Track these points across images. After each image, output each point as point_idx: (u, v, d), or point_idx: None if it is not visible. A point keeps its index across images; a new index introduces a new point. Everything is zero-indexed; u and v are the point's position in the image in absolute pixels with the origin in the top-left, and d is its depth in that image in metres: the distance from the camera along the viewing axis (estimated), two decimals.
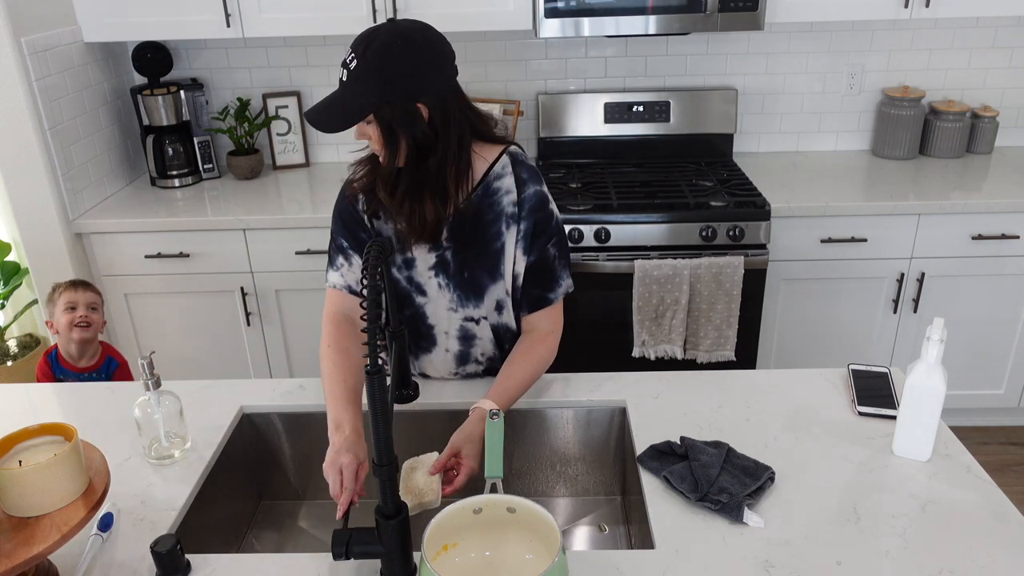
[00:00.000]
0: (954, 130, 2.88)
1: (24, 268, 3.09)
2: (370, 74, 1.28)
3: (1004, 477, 2.69)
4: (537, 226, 1.45)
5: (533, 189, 1.45)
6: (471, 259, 1.47)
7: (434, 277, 1.49)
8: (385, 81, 1.29)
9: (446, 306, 1.51)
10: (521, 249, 1.46)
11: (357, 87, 1.29)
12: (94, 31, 2.63)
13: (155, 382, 1.31)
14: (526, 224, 1.45)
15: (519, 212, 1.45)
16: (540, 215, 1.46)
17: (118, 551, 1.16)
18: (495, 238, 1.45)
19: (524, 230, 1.45)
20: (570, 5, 2.50)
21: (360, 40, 1.30)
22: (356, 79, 1.29)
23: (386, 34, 1.29)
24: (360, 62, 1.28)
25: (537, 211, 1.45)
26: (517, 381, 1.45)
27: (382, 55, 1.28)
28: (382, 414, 0.98)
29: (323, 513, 1.56)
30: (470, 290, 1.49)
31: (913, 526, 1.16)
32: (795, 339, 2.74)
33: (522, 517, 1.10)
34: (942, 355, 1.22)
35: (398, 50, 1.29)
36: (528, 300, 1.50)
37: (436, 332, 1.54)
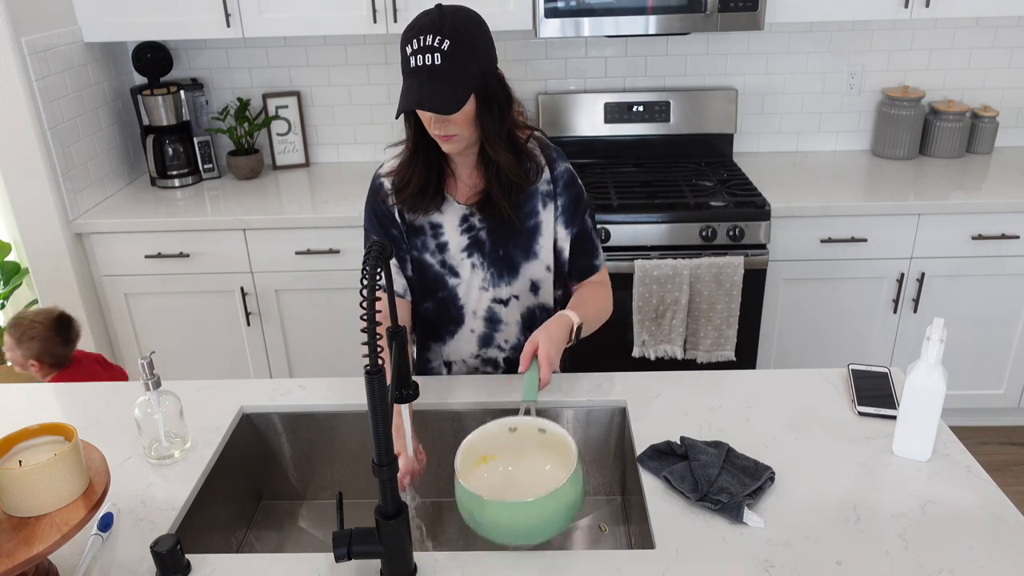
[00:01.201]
0: (954, 130, 2.88)
1: (24, 268, 3.09)
2: (467, 48, 1.31)
3: (1004, 477, 2.69)
4: (576, 200, 1.55)
5: (564, 166, 1.54)
6: (505, 237, 1.53)
7: (467, 258, 1.54)
8: (480, 53, 1.34)
9: (479, 285, 1.57)
10: (563, 223, 1.55)
11: (457, 66, 1.31)
12: (94, 31, 2.63)
13: (155, 382, 1.31)
14: (563, 199, 1.53)
15: (554, 188, 1.53)
16: (575, 189, 1.55)
17: (118, 551, 1.16)
18: (529, 216, 1.52)
19: (563, 205, 1.54)
20: (570, 5, 2.50)
21: (435, 24, 1.30)
22: (455, 57, 1.30)
23: (458, 13, 1.33)
24: (453, 40, 1.30)
25: (571, 186, 1.54)
26: (589, 310, 1.53)
27: (469, 29, 1.32)
28: (382, 414, 0.98)
29: (323, 513, 1.56)
30: (504, 268, 1.55)
31: (913, 526, 1.16)
32: (795, 339, 2.74)
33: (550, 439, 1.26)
34: (942, 355, 1.22)
35: (477, 23, 1.35)
36: (576, 271, 1.60)
37: (465, 312, 1.59)
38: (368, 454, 1.53)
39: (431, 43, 1.30)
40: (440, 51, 1.30)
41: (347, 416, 1.52)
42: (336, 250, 2.59)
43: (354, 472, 1.56)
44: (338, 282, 2.64)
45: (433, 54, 1.30)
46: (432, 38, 1.29)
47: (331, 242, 2.58)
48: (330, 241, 2.58)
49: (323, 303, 2.69)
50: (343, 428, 1.53)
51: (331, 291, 2.67)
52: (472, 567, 1.12)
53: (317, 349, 2.77)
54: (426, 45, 1.30)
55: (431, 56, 1.30)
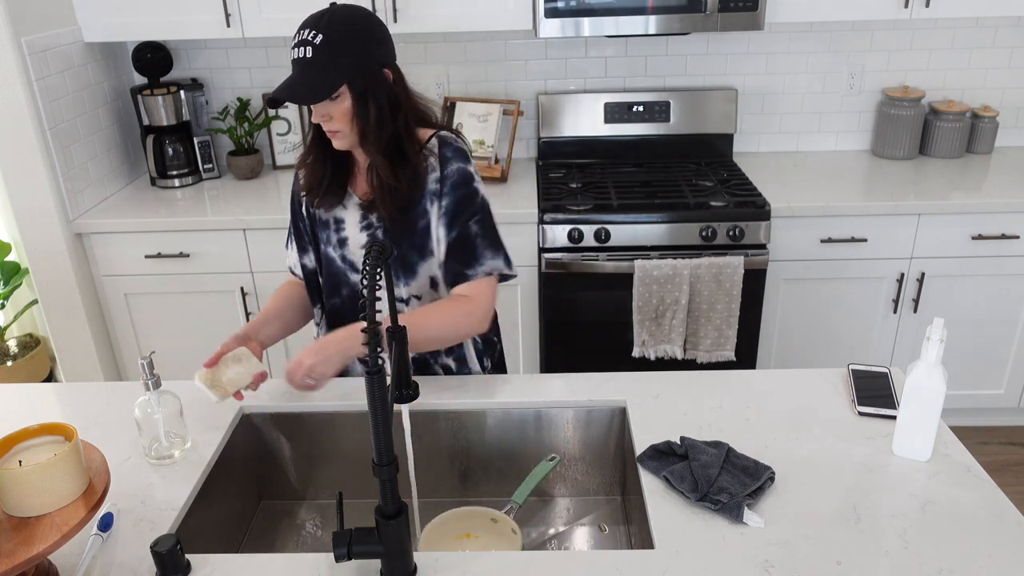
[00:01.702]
0: (954, 130, 2.88)
1: (24, 268, 3.09)
2: (339, 44, 1.35)
3: (1004, 477, 2.69)
4: (459, 203, 1.49)
5: (456, 166, 1.49)
6: (399, 236, 1.52)
7: (450, 276, 1.53)
8: (354, 48, 1.37)
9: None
10: (444, 224, 1.50)
11: (328, 58, 1.35)
12: (94, 31, 2.63)
13: (155, 382, 1.31)
14: (448, 200, 1.49)
15: (441, 188, 1.49)
16: (462, 191, 1.49)
17: (118, 551, 1.16)
18: (421, 216, 1.50)
19: (446, 206, 1.49)
20: (570, 5, 2.50)
21: (315, 19, 1.36)
22: (325, 50, 1.35)
23: (341, 10, 1.37)
24: (326, 35, 1.34)
25: (459, 187, 1.49)
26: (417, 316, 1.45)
27: (348, 25, 1.36)
28: (382, 414, 0.98)
29: (323, 513, 1.56)
30: (400, 268, 1.53)
31: (913, 526, 1.16)
32: (795, 339, 2.74)
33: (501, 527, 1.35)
34: (942, 355, 1.22)
35: (360, 21, 1.38)
36: (447, 274, 1.53)
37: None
38: (368, 454, 1.53)
39: (306, 37, 1.35)
40: (312, 44, 1.35)
41: (347, 416, 1.52)
42: None
43: (354, 472, 1.56)
44: None
45: (306, 47, 1.35)
46: (308, 32, 1.35)
47: None
48: None
49: None
50: (343, 428, 1.53)
51: None
52: (472, 567, 1.12)
53: None
54: (302, 39, 1.36)
55: (304, 49, 1.35)
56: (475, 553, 1.14)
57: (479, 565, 1.12)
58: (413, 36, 2.93)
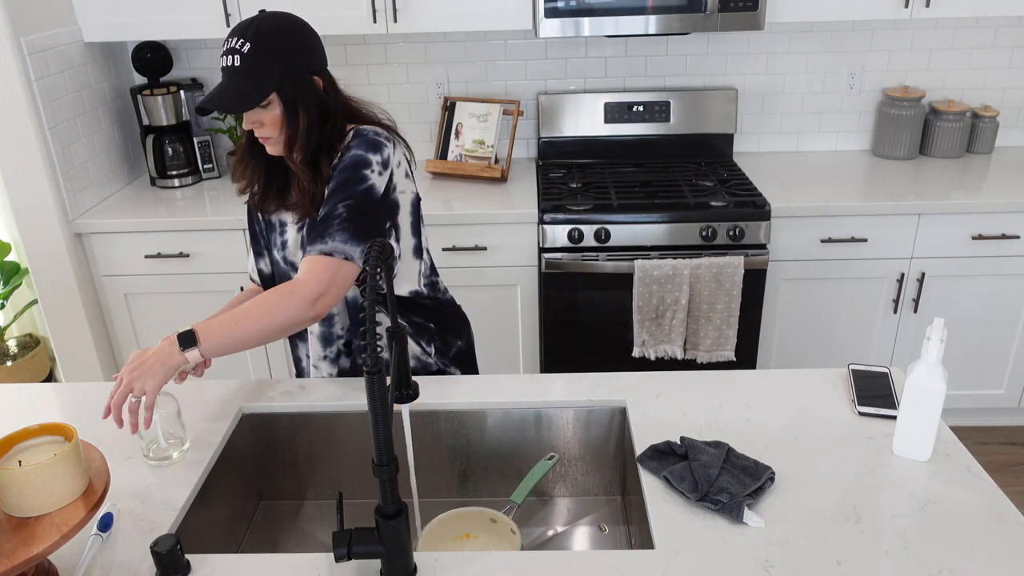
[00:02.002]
0: (954, 130, 2.88)
1: (24, 268, 3.09)
2: (268, 52, 1.36)
3: (1004, 477, 2.69)
4: (339, 184, 1.41)
5: (351, 153, 1.42)
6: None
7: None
8: (283, 56, 1.38)
9: None
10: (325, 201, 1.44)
11: (256, 66, 1.36)
12: (94, 31, 2.63)
13: None
14: (333, 183, 1.42)
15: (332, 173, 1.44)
16: (345, 174, 1.41)
17: (118, 551, 1.16)
18: None
19: (330, 188, 1.42)
20: (570, 5, 2.50)
21: (243, 28, 1.36)
22: (253, 58, 1.35)
23: (269, 18, 1.38)
24: (254, 43, 1.35)
25: (345, 171, 1.41)
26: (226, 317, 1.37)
27: (275, 34, 1.37)
28: (382, 414, 0.98)
29: (323, 513, 1.56)
30: None
31: (913, 526, 1.16)
32: (795, 339, 2.74)
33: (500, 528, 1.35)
34: (942, 355, 1.22)
35: (289, 28, 1.38)
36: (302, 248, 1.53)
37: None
38: (368, 454, 1.54)
39: (234, 45, 1.36)
40: (240, 53, 1.35)
41: (347, 416, 1.52)
42: None
43: (354, 472, 1.56)
44: None
45: (234, 56, 1.36)
46: (236, 40, 1.35)
47: None
48: None
49: None
50: (343, 428, 1.53)
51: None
52: (472, 567, 1.12)
53: None
54: (230, 47, 1.36)
55: (232, 57, 1.36)
56: (475, 553, 1.14)
57: (479, 565, 1.12)
58: (413, 36, 2.93)
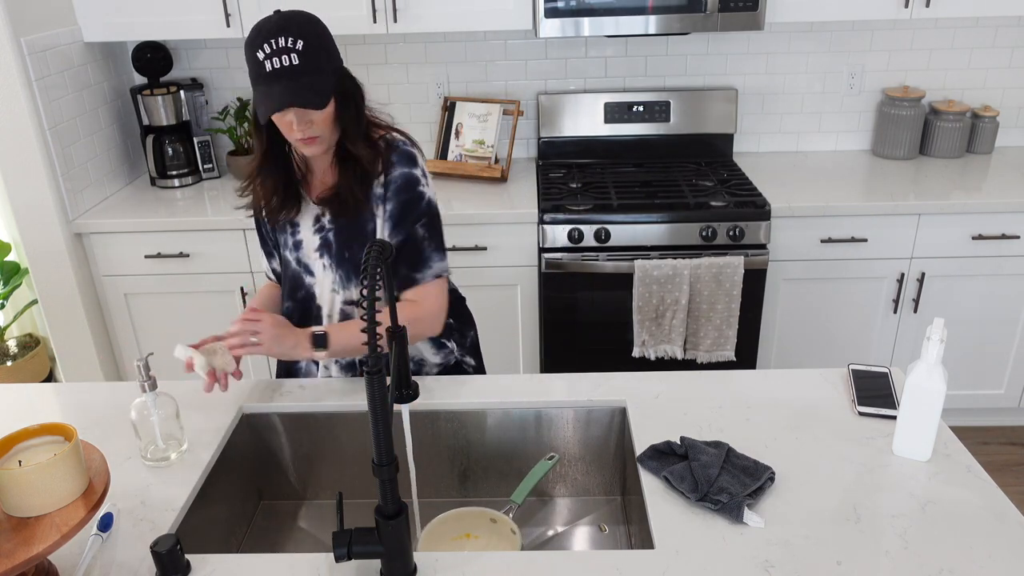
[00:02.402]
0: (954, 130, 2.88)
1: (24, 268, 3.09)
2: (320, 48, 1.35)
3: (1004, 477, 2.69)
4: (405, 207, 1.49)
5: (400, 171, 1.49)
6: (350, 239, 1.53)
7: (320, 259, 1.56)
8: (332, 50, 1.39)
9: (330, 287, 1.57)
10: (388, 229, 1.51)
11: (314, 63, 1.34)
12: (94, 31, 2.63)
13: (151, 384, 1.31)
14: (391, 205, 1.49)
15: (384, 193, 1.50)
16: (406, 195, 1.49)
17: (118, 551, 1.16)
18: (369, 219, 1.52)
19: (390, 211, 1.50)
20: (570, 5, 2.50)
21: (282, 26, 1.33)
22: (309, 55, 1.33)
23: (300, 15, 1.36)
24: (306, 40, 1.33)
25: (402, 192, 1.49)
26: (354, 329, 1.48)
27: (317, 29, 1.36)
28: (382, 414, 0.98)
29: (323, 513, 1.56)
30: (351, 270, 1.54)
31: (913, 526, 1.16)
32: (795, 339, 2.74)
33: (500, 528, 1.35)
34: (942, 355, 1.22)
35: (321, 24, 1.38)
36: (399, 280, 1.53)
37: (323, 314, 1.60)
38: (368, 454, 1.53)
39: (285, 44, 1.31)
40: (296, 50, 1.32)
41: (347, 416, 1.52)
42: None
43: (354, 472, 1.56)
44: None
45: (289, 54, 1.32)
46: (285, 39, 1.31)
47: None
48: None
49: None
50: (343, 428, 1.53)
51: None
52: (472, 567, 1.12)
53: None
54: (280, 47, 1.31)
55: (288, 56, 1.32)
56: (475, 553, 1.14)
57: (479, 565, 1.12)
58: (413, 36, 2.93)
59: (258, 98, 1.37)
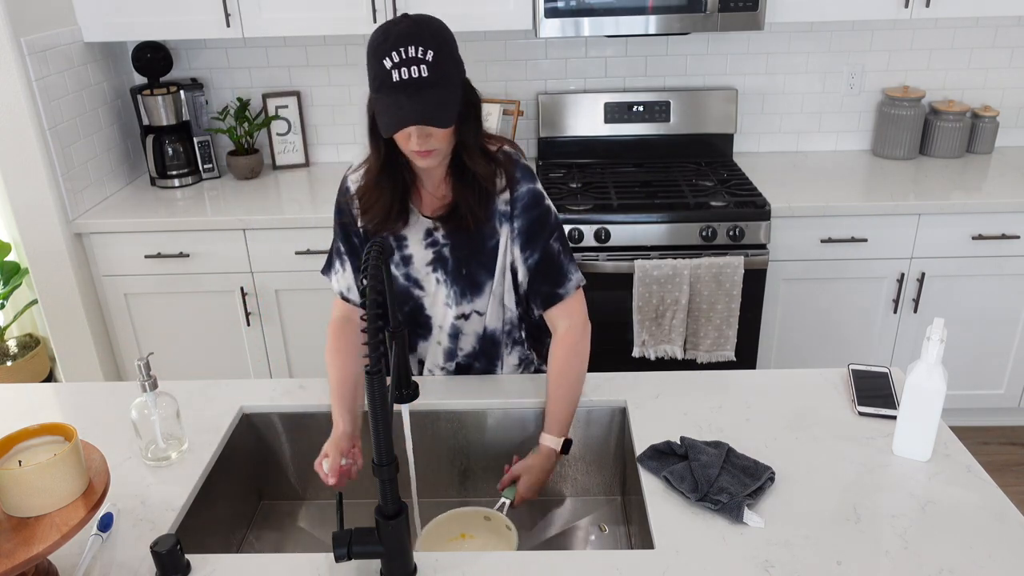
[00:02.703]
0: (954, 130, 2.88)
1: (24, 268, 3.10)
2: (448, 59, 1.28)
3: (1004, 477, 2.69)
4: (535, 223, 1.46)
5: (526, 187, 1.45)
6: (468, 255, 1.48)
7: (432, 273, 1.51)
8: (458, 61, 1.31)
9: (443, 301, 1.53)
10: (519, 246, 1.47)
11: (443, 75, 1.26)
12: (94, 31, 2.63)
13: (152, 384, 1.31)
14: (520, 222, 1.46)
15: (511, 210, 1.45)
16: (536, 212, 1.46)
17: (118, 551, 1.16)
18: (490, 235, 1.47)
19: (519, 228, 1.46)
20: (570, 5, 2.50)
21: (410, 33, 1.25)
22: (439, 67, 1.25)
23: (431, 21, 1.29)
24: (437, 51, 1.25)
25: (531, 208, 1.45)
26: (566, 400, 1.45)
27: (447, 37, 1.28)
28: (382, 414, 0.98)
29: (323, 513, 1.56)
30: (468, 286, 1.51)
31: (913, 526, 1.16)
32: (795, 339, 2.74)
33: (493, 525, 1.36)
34: (942, 355, 1.22)
35: (449, 31, 1.30)
36: (540, 298, 1.50)
37: (433, 324, 1.57)
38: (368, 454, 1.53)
39: (415, 54, 1.24)
40: (426, 62, 1.24)
41: None
42: None
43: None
44: None
45: (419, 65, 1.24)
46: (416, 49, 1.24)
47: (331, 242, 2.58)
48: (330, 241, 2.58)
49: (323, 303, 2.69)
50: None
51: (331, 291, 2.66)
52: (472, 567, 1.12)
53: (317, 349, 2.77)
54: (410, 57, 1.24)
55: (417, 68, 1.24)
56: (475, 553, 1.14)
57: (479, 565, 1.12)
58: None
59: (380, 108, 1.30)
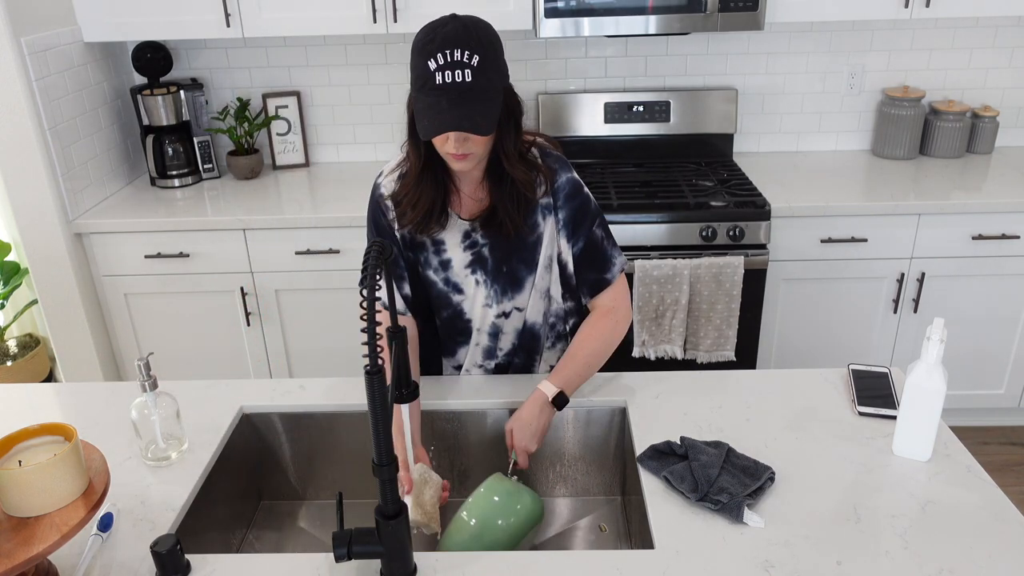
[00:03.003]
0: (954, 130, 2.88)
1: (24, 268, 3.10)
2: (491, 65, 1.27)
3: (1004, 477, 2.69)
4: (578, 212, 1.48)
5: (565, 177, 1.47)
6: (509, 252, 1.49)
7: (471, 275, 1.51)
8: (502, 68, 1.31)
9: (482, 302, 1.54)
10: (564, 237, 1.49)
11: (486, 81, 1.26)
12: (94, 31, 2.63)
13: (152, 384, 1.31)
14: (564, 212, 1.48)
15: (554, 202, 1.47)
16: (577, 200, 1.48)
17: (118, 551, 1.16)
18: (531, 230, 1.47)
19: (564, 218, 1.48)
20: (570, 5, 2.50)
21: (457, 36, 1.23)
22: (483, 73, 1.25)
23: (478, 25, 1.28)
24: (482, 57, 1.24)
25: (573, 198, 1.48)
26: (578, 361, 1.47)
27: (493, 44, 1.28)
28: (382, 414, 0.98)
29: (323, 513, 1.56)
30: (508, 284, 1.52)
31: (913, 526, 1.16)
32: (795, 339, 2.74)
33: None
34: (942, 355, 1.22)
35: (497, 37, 1.30)
36: (587, 285, 1.52)
37: (473, 327, 1.57)
38: (368, 454, 1.53)
39: (460, 58, 1.22)
40: (471, 67, 1.23)
41: (347, 416, 1.52)
42: (336, 250, 2.59)
43: (354, 472, 1.56)
44: (338, 282, 2.64)
45: (463, 70, 1.23)
46: (461, 53, 1.22)
47: (331, 242, 2.58)
48: (330, 241, 2.58)
49: (323, 303, 2.69)
50: (343, 428, 1.53)
51: (331, 291, 2.67)
52: (472, 567, 1.12)
53: (317, 349, 2.77)
54: (454, 60, 1.22)
55: (461, 72, 1.23)
56: (475, 553, 1.15)
57: (479, 565, 1.12)
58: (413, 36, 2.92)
59: (421, 110, 1.28)
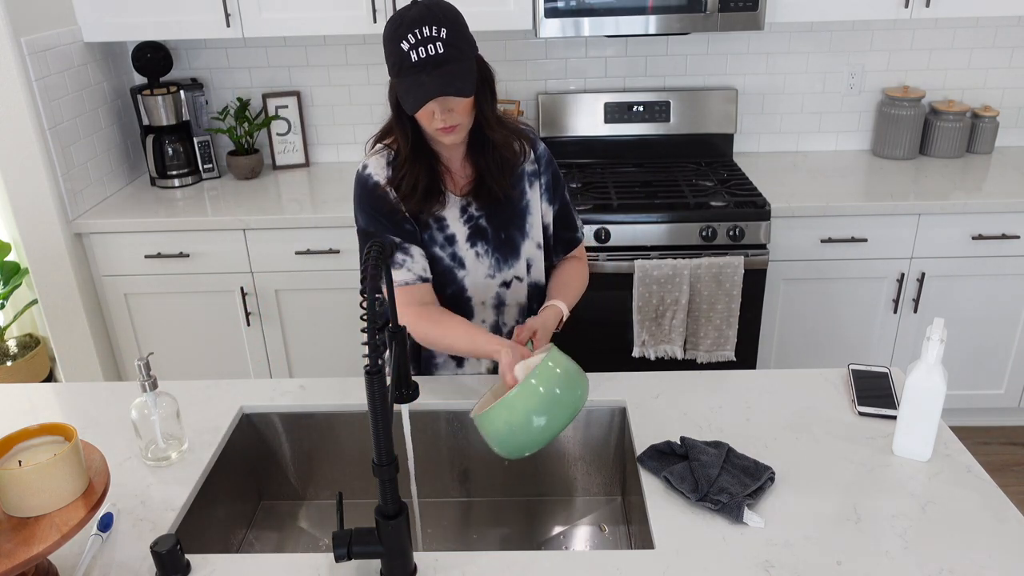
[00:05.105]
0: (954, 130, 2.88)
1: (24, 268, 3.10)
2: (460, 35, 1.35)
3: (1004, 477, 2.69)
4: (555, 178, 1.64)
5: (542, 147, 1.63)
6: (506, 221, 1.57)
7: (471, 247, 1.57)
8: (469, 37, 1.38)
9: (484, 273, 1.59)
10: (546, 200, 1.63)
11: (457, 51, 1.34)
12: (94, 31, 2.63)
13: (152, 384, 1.31)
14: (546, 177, 1.62)
15: (539, 168, 1.61)
16: (553, 167, 1.64)
17: (118, 551, 1.16)
18: (520, 197, 1.58)
19: (546, 183, 1.62)
20: (570, 5, 2.50)
21: (423, 15, 1.31)
22: (453, 44, 1.33)
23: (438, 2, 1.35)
24: (449, 29, 1.32)
25: (551, 164, 1.63)
26: (572, 290, 1.66)
27: (457, 17, 1.36)
28: (382, 414, 0.98)
29: (323, 513, 1.56)
30: (507, 250, 1.59)
31: (913, 526, 1.16)
32: (795, 339, 2.74)
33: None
34: (942, 355, 1.22)
35: (458, 11, 1.37)
36: (561, 244, 1.69)
37: (474, 304, 1.62)
38: (368, 454, 1.53)
39: (430, 33, 1.31)
40: (441, 39, 1.31)
41: (347, 416, 1.52)
42: (336, 250, 2.59)
43: (354, 472, 1.56)
44: (338, 282, 2.64)
45: (435, 43, 1.31)
46: (430, 28, 1.31)
47: (331, 242, 2.58)
48: (330, 241, 2.58)
49: (323, 303, 2.69)
50: (343, 428, 1.53)
51: (331, 291, 2.67)
52: (472, 567, 1.12)
53: (317, 349, 2.77)
54: (425, 36, 1.31)
55: (433, 46, 1.31)
56: (475, 553, 1.15)
57: (479, 565, 1.12)
58: None
59: (404, 90, 1.35)
